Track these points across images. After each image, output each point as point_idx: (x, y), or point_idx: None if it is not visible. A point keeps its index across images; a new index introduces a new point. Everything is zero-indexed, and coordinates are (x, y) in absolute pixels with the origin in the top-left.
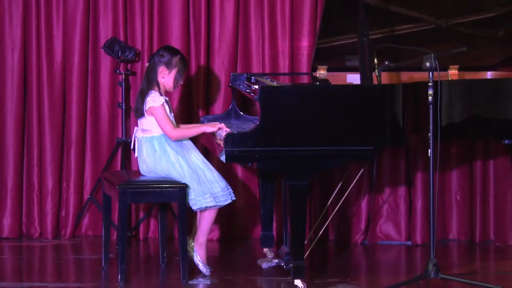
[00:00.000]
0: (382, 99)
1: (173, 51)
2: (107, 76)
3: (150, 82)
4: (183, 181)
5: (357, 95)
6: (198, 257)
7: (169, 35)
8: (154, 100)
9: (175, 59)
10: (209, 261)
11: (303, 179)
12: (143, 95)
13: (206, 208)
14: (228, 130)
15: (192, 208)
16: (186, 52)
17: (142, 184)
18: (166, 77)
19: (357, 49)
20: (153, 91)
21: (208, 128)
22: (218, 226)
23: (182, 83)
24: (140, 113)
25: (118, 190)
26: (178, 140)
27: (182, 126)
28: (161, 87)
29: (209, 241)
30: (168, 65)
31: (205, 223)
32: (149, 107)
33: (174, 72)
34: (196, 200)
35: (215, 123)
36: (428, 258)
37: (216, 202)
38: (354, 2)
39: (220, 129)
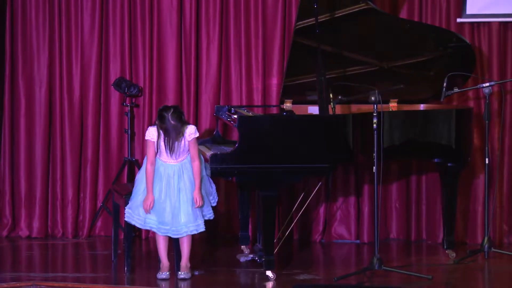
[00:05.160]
0: (336, 126)
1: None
2: (116, 108)
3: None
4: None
5: (316, 123)
6: (184, 276)
7: (165, 75)
8: (146, 134)
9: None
10: (197, 256)
11: (273, 190)
12: None
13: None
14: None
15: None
16: (179, 88)
17: None
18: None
19: (316, 86)
20: (150, 127)
21: (148, 201)
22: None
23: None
24: None
25: (124, 199)
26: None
27: (196, 166)
28: None
29: (197, 240)
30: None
31: (185, 247)
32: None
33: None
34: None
35: (150, 203)
36: (373, 254)
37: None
38: (313, 48)
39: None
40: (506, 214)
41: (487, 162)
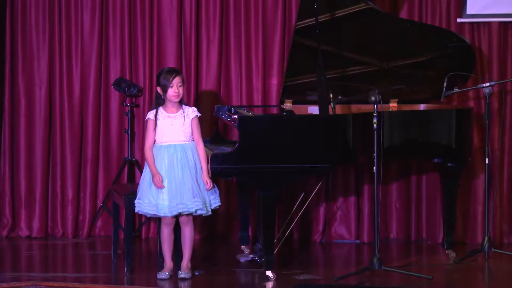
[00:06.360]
0: (336, 126)
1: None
2: (116, 107)
3: (153, 104)
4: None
5: (316, 123)
6: (184, 275)
7: None
8: (147, 115)
9: (159, 77)
10: (197, 256)
11: (273, 190)
12: None
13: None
14: (161, 186)
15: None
16: None
17: None
18: (161, 91)
19: (316, 86)
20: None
21: (155, 178)
22: (204, 227)
23: (177, 90)
24: None
25: (124, 199)
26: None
27: (201, 149)
28: (167, 104)
29: (197, 240)
30: (158, 84)
31: (187, 248)
32: None
33: (161, 83)
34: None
35: (158, 178)
36: (373, 253)
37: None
38: (313, 48)
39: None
40: (506, 214)
41: (487, 162)
